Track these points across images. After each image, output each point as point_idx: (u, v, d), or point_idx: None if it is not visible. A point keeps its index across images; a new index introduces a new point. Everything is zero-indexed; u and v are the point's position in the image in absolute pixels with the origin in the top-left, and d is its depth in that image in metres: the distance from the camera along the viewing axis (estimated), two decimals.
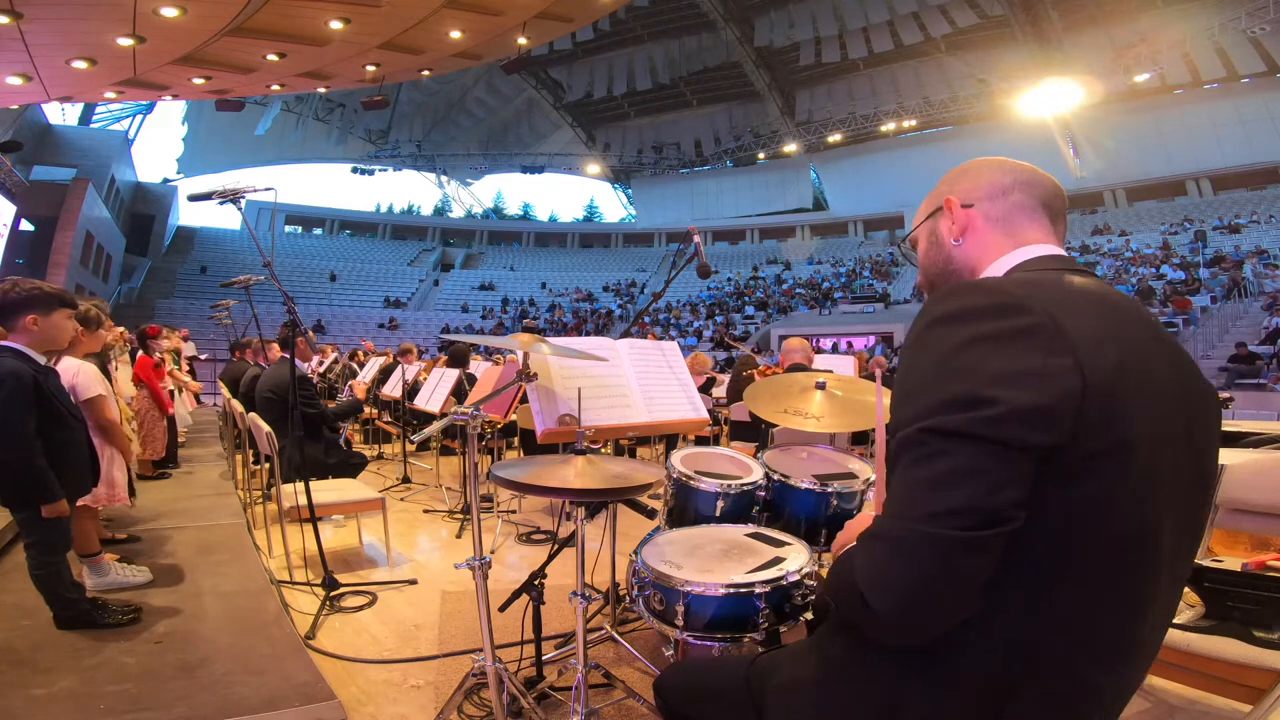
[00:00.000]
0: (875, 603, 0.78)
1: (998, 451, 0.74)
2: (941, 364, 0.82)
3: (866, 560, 0.80)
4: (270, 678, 2.12)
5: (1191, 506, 0.90)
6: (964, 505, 0.74)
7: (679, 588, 1.77)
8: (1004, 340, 0.79)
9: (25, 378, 2.27)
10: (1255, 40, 22.45)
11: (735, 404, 5.84)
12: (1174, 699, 2.04)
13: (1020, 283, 0.87)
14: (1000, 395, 0.75)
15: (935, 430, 0.77)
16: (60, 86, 12.68)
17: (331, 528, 4.34)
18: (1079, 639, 0.81)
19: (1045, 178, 1.04)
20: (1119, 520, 0.79)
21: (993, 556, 0.75)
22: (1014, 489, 0.75)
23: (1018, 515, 0.75)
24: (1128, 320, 0.86)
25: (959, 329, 0.82)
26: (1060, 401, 0.75)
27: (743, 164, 35.86)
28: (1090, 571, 0.80)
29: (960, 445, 0.76)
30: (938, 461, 0.77)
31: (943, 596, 0.77)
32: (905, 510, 0.78)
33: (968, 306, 0.84)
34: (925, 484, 0.77)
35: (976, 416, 0.75)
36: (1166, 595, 0.89)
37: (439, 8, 11.38)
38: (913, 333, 0.89)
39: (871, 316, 23.24)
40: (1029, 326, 0.78)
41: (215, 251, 31.06)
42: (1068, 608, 0.80)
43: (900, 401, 0.86)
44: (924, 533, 0.75)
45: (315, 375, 8.03)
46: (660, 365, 2.68)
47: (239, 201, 2.96)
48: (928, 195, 1.14)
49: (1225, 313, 16.65)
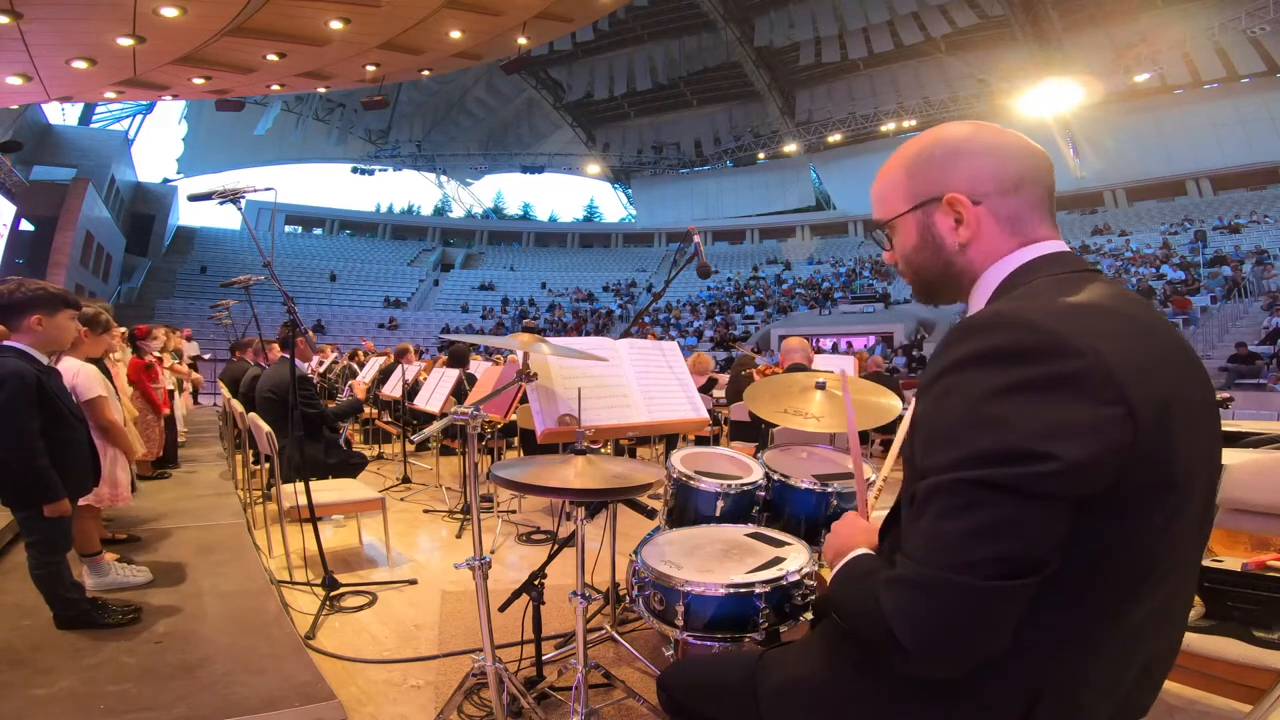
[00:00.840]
0: (908, 643, 0.77)
1: (1045, 504, 0.72)
2: (978, 409, 0.76)
3: (899, 606, 0.78)
4: (270, 678, 2.12)
5: (1205, 527, 0.89)
6: (1004, 555, 0.72)
7: (679, 588, 1.77)
8: (1050, 388, 0.74)
9: (29, 377, 2.28)
10: (1255, 40, 22.46)
11: (735, 404, 5.84)
12: (1174, 699, 2.04)
13: (1055, 311, 0.79)
14: (1051, 450, 0.71)
15: (974, 482, 0.74)
16: (60, 86, 12.68)
17: (331, 528, 4.33)
18: (1096, 667, 0.81)
19: (1046, 162, 0.95)
20: (1152, 552, 0.78)
21: (1026, 601, 0.75)
22: (1055, 538, 0.73)
23: (1054, 561, 0.74)
24: (1163, 341, 0.83)
25: (997, 373, 0.76)
26: (1113, 450, 0.72)
27: (743, 164, 35.86)
28: (1115, 602, 0.79)
29: (1003, 498, 0.73)
30: (977, 513, 0.74)
31: (979, 642, 0.76)
32: (938, 559, 0.76)
33: (1005, 347, 0.77)
34: (962, 534, 0.74)
35: (1024, 472, 0.72)
36: (1186, 611, 0.90)
37: (439, 8, 11.38)
38: (937, 371, 0.83)
39: (871, 316, 23.21)
40: (1079, 372, 0.73)
41: (215, 251, 31.06)
42: (1088, 635, 0.80)
43: (929, 445, 0.81)
44: (961, 582, 0.73)
45: (315, 375, 8.03)
46: (660, 365, 2.68)
47: (239, 201, 2.96)
48: (900, 170, 0.99)
49: (1225, 313, 16.66)
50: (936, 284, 1.01)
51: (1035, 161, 0.93)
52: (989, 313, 0.83)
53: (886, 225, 1.02)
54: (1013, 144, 0.94)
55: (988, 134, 0.95)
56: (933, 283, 1.01)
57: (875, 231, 1.05)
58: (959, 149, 0.94)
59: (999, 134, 0.95)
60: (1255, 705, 1.10)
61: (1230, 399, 5.29)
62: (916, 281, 1.03)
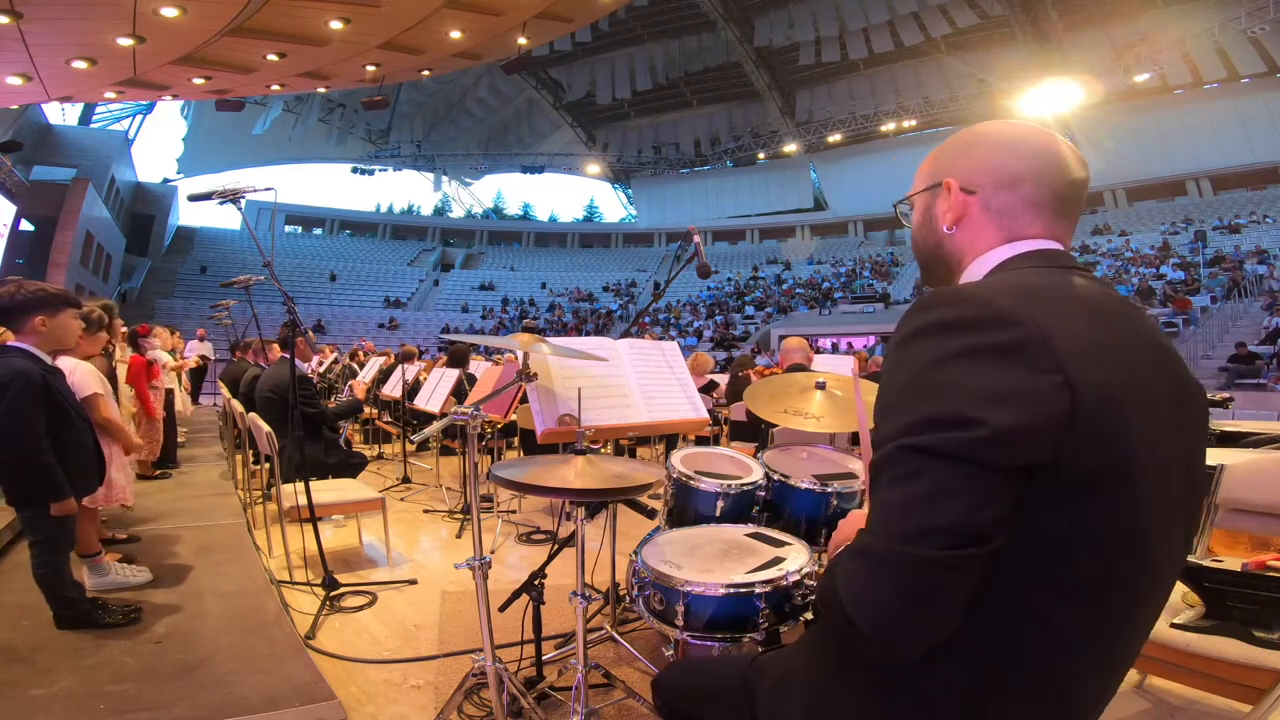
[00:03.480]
0: (857, 619, 0.76)
1: (978, 472, 0.73)
2: (920, 379, 0.79)
3: (847, 577, 0.79)
4: (270, 678, 2.12)
5: (1186, 525, 0.89)
6: (942, 525, 0.72)
7: (679, 588, 1.77)
8: (988, 355, 0.75)
9: (34, 377, 2.29)
10: (1255, 40, 22.45)
11: (735, 404, 5.84)
12: (1174, 699, 2.04)
13: (1006, 290, 0.82)
14: (984, 415, 0.72)
15: (914, 448, 0.75)
16: (60, 86, 12.68)
17: (331, 528, 4.33)
18: (1066, 658, 0.81)
19: (1063, 164, 0.93)
20: (1116, 543, 0.78)
21: (971, 575, 0.74)
22: (994, 508, 0.73)
23: (997, 534, 0.73)
24: (1124, 329, 0.83)
25: (940, 342, 0.79)
26: (1047, 421, 0.73)
27: (743, 164, 35.85)
28: (1083, 593, 0.79)
29: (939, 464, 0.74)
30: (916, 480, 0.75)
31: (921, 616, 0.76)
32: (884, 529, 0.76)
33: (949, 318, 0.80)
34: (903, 503, 0.75)
35: (958, 437, 0.73)
36: (1155, 610, 0.89)
37: (439, 8, 11.38)
38: (892, 345, 0.86)
39: (871, 316, 23.22)
40: (1015, 341, 0.75)
41: (215, 251, 31.07)
42: (1057, 628, 0.79)
43: (880, 417, 0.83)
44: (902, 552, 0.74)
45: (315, 375, 8.03)
46: (660, 365, 2.69)
47: (239, 201, 2.96)
48: (933, 154, 1.03)
49: (1225, 313, 16.65)
50: (930, 263, 1.04)
51: (1044, 161, 0.93)
52: (942, 290, 0.86)
53: (907, 200, 1.07)
54: (1026, 142, 0.94)
55: (1009, 130, 0.96)
56: (926, 262, 1.05)
57: (900, 205, 1.09)
58: (977, 140, 0.98)
59: (1019, 131, 0.96)
60: (1255, 705, 1.10)
61: (1230, 399, 5.30)
62: (917, 258, 1.08)
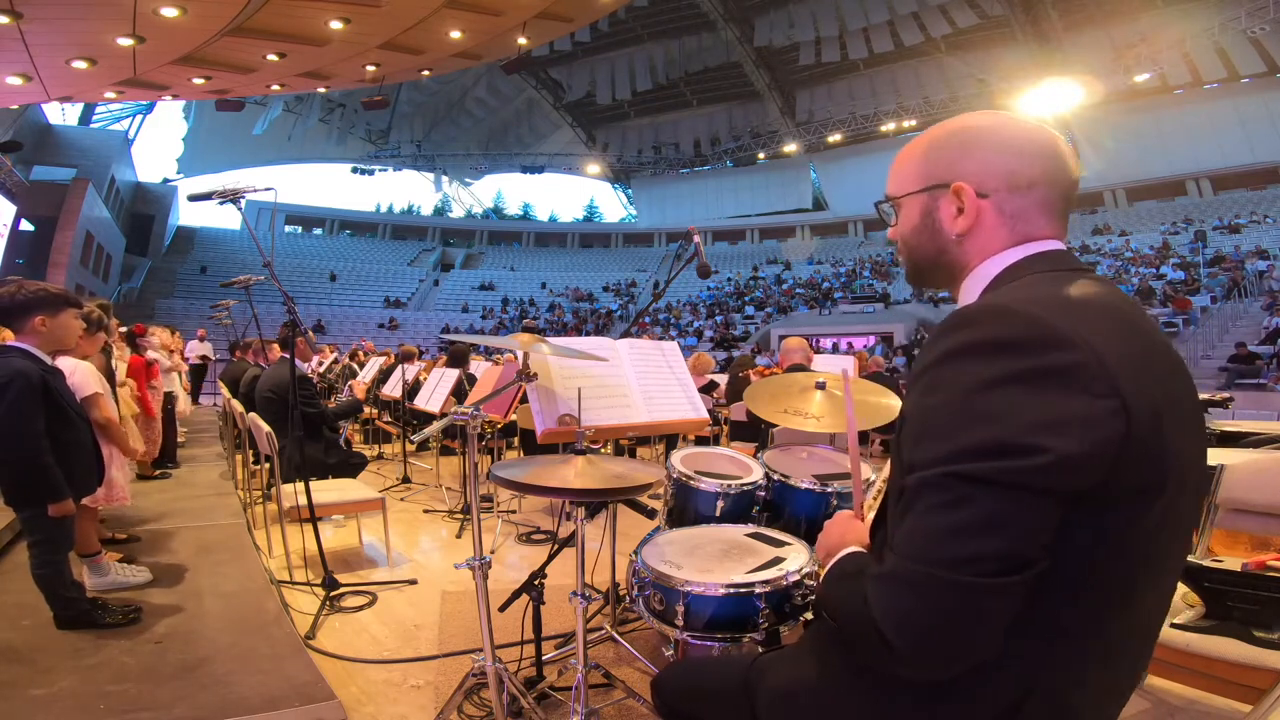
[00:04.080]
0: (899, 642, 0.75)
1: (1033, 500, 0.71)
2: (966, 403, 0.75)
3: (887, 603, 0.76)
4: (270, 678, 2.12)
5: (1190, 534, 0.91)
6: (993, 552, 0.71)
7: (679, 588, 1.77)
8: (1043, 379, 0.73)
9: (34, 377, 2.28)
10: (1255, 40, 22.45)
11: (735, 404, 5.84)
12: (1174, 699, 2.04)
13: (1043, 303, 0.78)
14: (1045, 443, 0.70)
15: (964, 476, 0.72)
16: (60, 86, 12.68)
17: (331, 528, 4.33)
18: (1085, 663, 0.81)
19: (1068, 164, 0.92)
20: (1139, 550, 0.78)
21: (1018, 599, 0.73)
22: (1044, 535, 0.72)
23: (1043, 558, 0.73)
24: (1145, 338, 0.82)
25: (987, 364, 0.75)
26: (1104, 445, 0.71)
27: (743, 164, 35.85)
28: (1104, 605, 0.79)
29: (991, 493, 0.71)
30: (965, 508, 0.72)
31: (969, 641, 0.75)
32: (926, 554, 0.74)
33: (997, 339, 0.75)
34: (950, 529, 0.73)
35: (1016, 465, 0.70)
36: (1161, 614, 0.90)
37: (439, 8, 11.38)
38: (926, 363, 0.82)
39: (871, 316, 23.21)
40: (1072, 365, 0.72)
41: (215, 251, 31.06)
42: (1075, 634, 0.79)
43: (917, 438, 0.79)
44: (949, 579, 0.72)
45: (315, 375, 8.03)
46: (660, 365, 2.68)
47: (239, 201, 2.96)
48: (919, 151, 0.97)
49: (1225, 313, 16.65)
50: (927, 269, 1.00)
51: (1055, 163, 0.91)
52: (979, 304, 0.82)
53: (894, 201, 1.00)
54: (1035, 142, 0.91)
55: (1011, 128, 0.92)
56: (924, 267, 1.00)
57: (882, 204, 1.03)
58: (979, 139, 0.93)
59: (1023, 129, 0.92)
60: (1255, 705, 1.10)
61: (1230, 399, 5.29)
62: (909, 262, 1.02)
